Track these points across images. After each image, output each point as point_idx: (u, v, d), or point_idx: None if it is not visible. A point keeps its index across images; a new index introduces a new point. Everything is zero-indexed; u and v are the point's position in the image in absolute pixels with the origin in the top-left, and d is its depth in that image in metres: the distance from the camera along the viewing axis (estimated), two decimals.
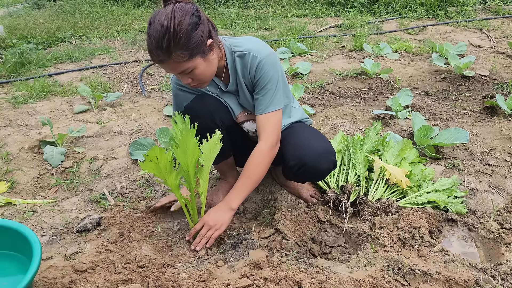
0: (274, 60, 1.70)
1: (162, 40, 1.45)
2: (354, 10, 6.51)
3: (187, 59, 1.51)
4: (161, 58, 1.49)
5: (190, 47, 1.49)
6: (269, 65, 1.67)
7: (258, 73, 1.68)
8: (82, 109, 3.17)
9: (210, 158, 1.65)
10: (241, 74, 1.73)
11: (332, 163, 1.77)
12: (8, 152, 2.50)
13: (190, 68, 1.54)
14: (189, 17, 1.47)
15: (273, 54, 1.71)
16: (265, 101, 1.70)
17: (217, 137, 1.61)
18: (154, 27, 1.46)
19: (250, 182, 1.74)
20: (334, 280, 1.50)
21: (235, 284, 1.49)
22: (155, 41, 1.46)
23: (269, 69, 1.67)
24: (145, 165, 1.53)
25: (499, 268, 1.56)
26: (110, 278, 1.53)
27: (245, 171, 1.74)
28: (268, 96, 1.69)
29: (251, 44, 1.70)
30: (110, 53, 4.75)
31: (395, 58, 4.36)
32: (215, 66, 1.65)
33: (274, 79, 1.69)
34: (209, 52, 1.58)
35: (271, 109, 1.70)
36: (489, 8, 6.49)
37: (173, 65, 1.52)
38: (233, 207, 1.73)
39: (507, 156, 2.42)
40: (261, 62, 1.66)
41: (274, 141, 1.72)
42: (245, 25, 5.91)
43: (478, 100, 3.33)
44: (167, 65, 1.53)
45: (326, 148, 1.76)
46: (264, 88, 1.69)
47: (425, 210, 1.92)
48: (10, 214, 2.01)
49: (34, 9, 7.36)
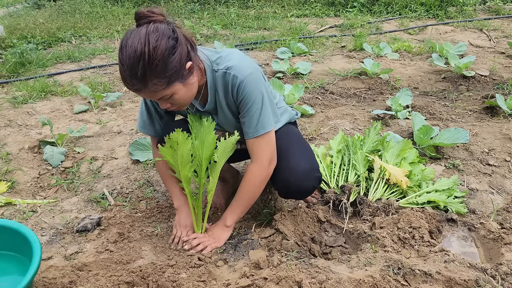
0: (257, 79, 1.57)
1: (136, 68, 1.33)
2: (354, 10, 6.51)
3: (165, 87, 1.40)
4: (136, 87, 1.38)
5: (168, 74, 1.38)
6: (250, 85, 1.54)
7: (240, 95, 1.56)
8: (82, 109, 3.17)
9: (224, 156, 1.65)
10: (222, 94, 1.61)
11: (316, 180, 1.73)
12: (8, 152, 2.50)
13: (168, 94, 1.44)
14: (165, 40, 1.35)
15: (255, 72, 1.58)
16: (252, 124, 1.60)
17: (234, 138, 1.61)
18: (127, 52, 1.33)
19: (244, 203, 1.75)
20: (334, 280, 1.50)
21: (235, 284, 1.49)
22: (129, 69, 1.34)
23: (251, 90, 1.55)
24: (163, 150, 1.53)
25: (499, 268, 1.56)
26: (110, 278, 1.53)
27: (239, 192, 1.73)
28: (254, 119, 1.59)
29: (232, 61, 1.56)
30: (110, 53, 4.75)
31: (395, 58, 4.36)
32: (195, 89, 1.53)
33: (258, 99, 1.57)
34: (188, 76, 1.46)
35: (260, 132, 1.60)
36: (489, 8, 6.49)
37: (150, 93, 1.41)
38: (227, 225, 1.77)
39: (507, 156, 2.42)
40: (241, 82, 1.54)
41: (266, 162, 1.65)
42: (245, 25, 5.91)
43: (478, 100, 3.33)
44: (143, 94, 1.42)
45: (309, 166, 1.70)
46: (248, 111, 1.58)
47: (425, 210, 1.92)
48: (10, 214, 2.01)
49: (34, 9, 7.36)
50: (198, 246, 1.74)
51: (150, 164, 2.44)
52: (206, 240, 1.76)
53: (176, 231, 1.83)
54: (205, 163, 1.63)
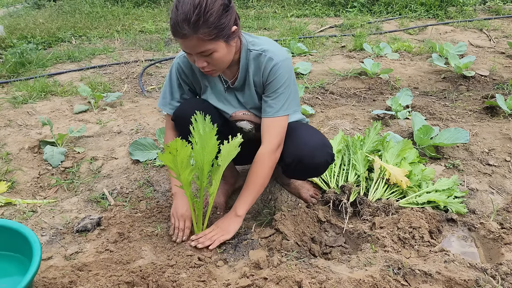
0: (289, 66, 1.68)
1: (192, 14, 1.39)
2: (354, 10, 6.51)
3: (211, 39, 1.46)
4: (185, 32, 1.42)
5: (218, 28, 1.45)
6: (284, 69, 1.64)
7: (271, 76, 1.65)
8: (82, 109, 3.17)
9: (227, 159, 1.66)
10: (253, 73, 1.69)
11: (328, 156, 1.76)
12: (8, 152, 2.50)
13: (211, 50, 1.49)
14: (220, 1, 1.44)
15: (289, 59, 1.69)
16: (276, 105, 1.67)
17: (237, 141, 1.62)
18: (185, 0, 1.41)
19: (254, 189, 1.74)
20: (334, 280, 1.50)
21: (235, 284, 1.49)
22: (184, 13, 1.40)
23: (283, 74, 1.65)
24: (163, 157, 1.54)
25: (499, 268, 1.56)
26: (110, 278, 1.53)
27: (248, 178, 1.74)
28: (280, 100, 1.67)
29: (268, 45, 1.67)
30: (110, 53, 4.75)
31: (395, 58, 4.36)
32: (232, 55, 1.61)
33: (287, 84, 1.67)
34: (232, 39, 1.54)
35: (280, 114, 1.68)
36: (489, 8, 6.49)
37: (195, 42, 1.46)
38: (239, 214, 1.75)
39: (507, 156, 2.42)
40: (276, 65, 1.63)
41: (276, 145, 1.70)
42: (245, 25, 5.91)
43: (478, 100, 3.33)
44: (189, 41, 1.46)
45: (321, 141, 1.75)
46: (276, 92, 1.67)
47: (425, 210, 1.92)
48: (10, 214, 2.01)
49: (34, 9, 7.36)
50: (206, 241, 1.73)
51: (150, 164, 2.44)
52: (213, 234, 1.75)
53: (174, 221, 1.83)
54: (207, 167, 1.64)
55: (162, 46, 4.92)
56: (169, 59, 4.49)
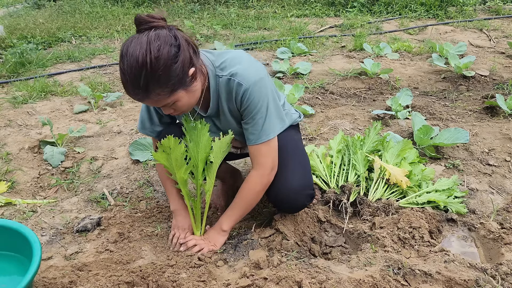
0: (262, 87, 1.54)
1: (139, 79, 1.30)
2: (354, 10, 6.51)
3: (168, 96, 1.38)
4: (139, 96, 1.36)
5: (171, 83, 1.35)
6: (256, 93, 1.52)
7: (244, 103, 1.54)
8: (82, 109, 3.17)
9: (220, 156, 1.65)
10: (225, 100, 1.58)
11: (308, 198, 1.76)
12: (8, 152, 2.50)
13: (171, 102, 1.42)
14: (167, 49, 1.32)
15: (261, 79, 1.54)
16: (255, 131, 1.58)
17: (229, 137, 1.61)
18: (129, 62, 1.30)
19: (242, 208, 1.74)
20: (334, 280, 1.50)
21: (235, 284, 1.49)
22: (131, 80, 1.32)
23: (256, 98, 1.52)
24: (157, 155, 1.53)
25: (499, 268, 1.56)
26: (110, 278, 1.53)
27: (238, 196, 1.72)
28: (258, 126, 1.57)
29: (237, 66, 1.53)
30: (110, 53, 4.75)
31: (395, 58, 4.36)
32: (198, 94, 1.50)
33: (263, 107, 1.55)
34: (191, 83, 1.43)
35: (263, 139, 1.59)
36: (489, 8, 6.49)
37: (152, 102, 1.41)
38: (224, 229, 1.77)
39: (507, 156, 2.42)
40: (246, 90, 1.51)
41: (267, 170, 1.65)
42: (245, 25, 5.91)
43: (478, 100, 3.33)
44: (146, 102, 1.42)
45: (303, 183, 1.71)
46: (252, 118, 1.56)
47: (425, 210, 1.92)
48: (10, 214, 2.01)
49: (34, 9, 7.36)
50: (195, 247, 1.73)
51: (150, 164, 2.44)
52: (202, 242, 1.76)
53: (174, 233, 1.82)
54: (201, 164, 1.64)
55: None
56: None
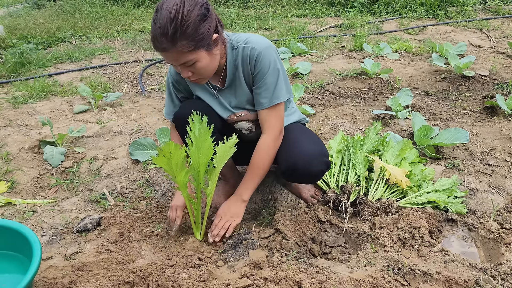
0: (274, 52, 1.67)
1: (168, 27, 1.41)
2: (354, 10, 6.51)
3: (191, 50, 1.47)
4: (164, 45, 1.45)
5: (196, 38, 1.46)
6: (268, 56, 1.64)
7: (257, 65, 1.65)
8: (82, 109, 3.17)
9: (223, 160, 1.66)
10: (241, 68, 1.69)
11: (324, 165, 1.76)
12: (8, 152, 2.50)
13: (192, 60, 1.51)
14: (198, 7, 1.45)
15: (273, 46, 1.68)
16: (266, 94, 1.68)
17: (232, 141, 1.62)
18: (162, 13, 1.42)
19: (257, 174, 1.77)
20: (334, 280, 1.50)
21: (235, 284, 1.49)
22: (161, 27, 1.42)
23: (268, 61, 1.64)
24: (157, 160, 1.54)
25: (499, 268, 1.56)
26: (110, 278, 1.53)
27: (251, 164, 1.76)
28: (269, 90, 1.67)
29: (251, 37, 1.67)
30: (110, 53, 4.75)
31: (395, 58, 4.36)
32: (217, 62, 1.62)
33: (274, 71, 1.66)
34: (213, 47, 1.55)
35: (275, 102, 1.69)
36: (489, 8, 6.49)
37: (176, 54, 1.48)
38: (245, 199, 1.78)
39: (507, 156, 2.42)
40: (260, 53, 1.63)
41: (277, 133, 1.74)
42: (245, 25, 5.91)
43: (478, 100, 3.33)
44: (169, 54, 1.49)
45: (318, 150, 1.75)
46: (264, 81, 1.67)
47: (425, 210, 1.92)
48: (10, 214, 2.01)
49: (34, 9, 7.36)
50: (221, 231, 1.75)
51: (150, 164, 2.44)
52: (224, 222, 1.76)
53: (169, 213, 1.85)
54: (202, 168, 1.64)
55: None
56: None
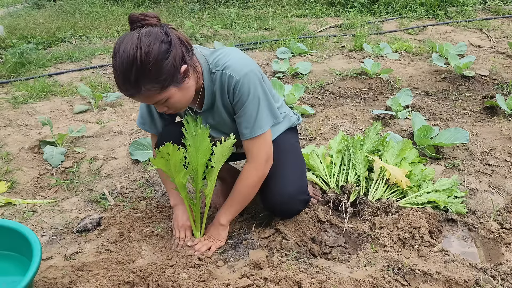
0: (253, 79, 1.54)
1: (129, 74, 1.33)
2: (354, 10, 6.51)
3: (159, 92, 1.39)
4: (130, 92, 1.38)
5: (162, 79, 1.36)
6: (247, 84, 1.52)
7: (236, 95, 1.54)
8: (82, 109, 3.17)
9: (221, 160, 1.65)
10: (220, 94, 1.59)
11: (302, 203, 1.77)
12: (8, 152, 2.50)
13: (163, 99, 1.43)
14: (157, 45, 1.33)
15: (252, 71, 1.54)
16: (249, 124, 1.58)
17: (230, 141, 1.61)
18: (120, 58, 1.33)
19: (238, 201, 1.74)
20: (334, 280, 1.50)
21: (235, 284, 1.49)
22: (122, 74, 1.34)
23: (248, 89, 1.53)
24: (156, 161, 1.54)
25: (499, 268, 1.56)
26: (110, 278, 1.53)
27: (233, 189, 1.73)
28: (251, 119, 1.57)
29: (231, 61, 1.54)
30: (110, 53, 4.75)
31: (395, 58, 4.36)
32: (192, 92, 1.52)
33: (255, 99, 1.55)
34: (184, 80, 1.44)
35: (257, 133, 1.59)
36: (489, 8, 6.49)
37: (144, 98, 1.42)
38: (222, 223, 1.77)
39: (507, 156, 2.42)
40: (238, 82, 1.52)
41: (261, 163, 1.65)
42: (245, 25, 5.91)
43: (478, 100, 3.33)
44: (138, 98, 1.42)
45: (297, 187, 1.73)
46: (244, 111, 1.56)
47: (425, 210, 1.92)
48: (10, 214, 2.01)
49: (34, 9, 7.36)
50: (202, 247, 1.74)
51: (150, 164, 2.43)
52: (207, 242, 1.77)
53: (175, 233, 1.82)
54: (201, 169, 1.64)
55: None
56: None
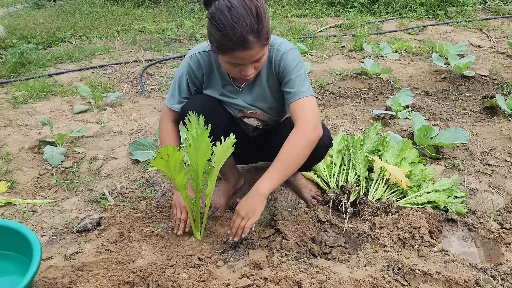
0: (297, 53, 1.69)
1: (253, 23, 1.40)
2: (354, 10, 6.51)
3: (266, 44, 1.49)
4: (250, 42, 1.42)
5: (268, 32, 1.48)
6: (292, 56, 1.65)
7: (282, 65, 1.65)
8: (82, 109, 3.17)
9: (221, 160, 1.65)
10: (266, 67, 1.70)
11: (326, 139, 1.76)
12: (8, 152, 2.50)
13: (262, 54, 1.51)
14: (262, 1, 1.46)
15: (296, 49, 1.70)
16: (296, 85, 1.63)
17: (230, 141, 1.61)
18: (238, 11, 1.38)
19: (283, 168, 1.57)
20: (334, 280, 1.50)
21: (235, 284, 1.49)
22: (247, 24, 1.39)
23: (293, 59, 1.65)
24: (155, 162, 1.54)
25: (499, 268, 1.56)
26: (110, 278, 1.53)
27: (277, 157, 1.59)
28: (297, 84, 1.63)
29: (275, 39, 1.68)
30: (110, 53, 4.75)
31: (395, 58, 4.36)
32: None
33: (301, 69, 1.67)
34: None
35: (306, 94, 1.62)
36: (489, 8, 6.49)
37: (257, 50, 1.47)
38: (262, 193, 1.57)
39: (507, 156, 2.42)
40: (284, 54, 1.64)
41: (311, 127, 1.58)
42: None
43: (478, 100, 3.33)
44: (252, 51, 1.46)
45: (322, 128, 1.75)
46: (290, 78, 1.65)
47: (425, 210, 1.92)
48: (10, 214, 2.01)
49: (34, 9, 7.36)
50: (238, 232, 1.62)
51: (150, 164, 2.43)
52: (239, 221, 1.61)
53: (176, 212, 1.82)
54: (201, 169, 1.64)
55: (162, 46, 4.92)
56: (169, 59, 4.49)
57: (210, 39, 1.51)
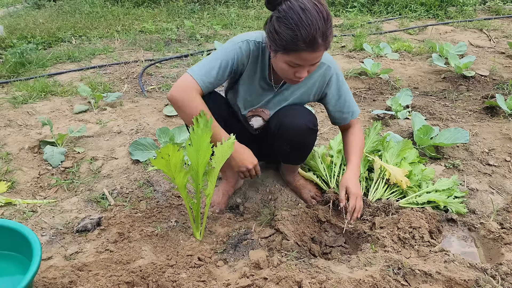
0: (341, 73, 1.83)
1: (325, 27, 1.45)
2: (354, 10, 6.51)
3: (327, 49, 1.54)
4: (318, 45, 1.47)
5: (332, 37, 1.53)
6: (340, 77, 1.80)
7: (330, 83, 1.80)
8: (82, 109, 3.17)
9: (221, 161, 1.65)
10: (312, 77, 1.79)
11: (310, 122, 1.80)
12: (8, 152, 2.50)
13: (320, 59, 1.56)
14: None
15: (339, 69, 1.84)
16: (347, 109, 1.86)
17: (230, 142, 1.62)
18: (312, 13, 1.42)
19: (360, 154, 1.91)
20: (334, 280, 1.50)
21: (235, 284, 1.49)
22: (319, 27, 1.43)
23: (342, 81, 1.81)
24: (156, 162, 1.54)
25: (499, 268, 1.56)
26: (110, 278, 1.53)
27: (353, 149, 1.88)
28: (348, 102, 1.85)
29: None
30: (110, 53, 4.75)
31: (395, 58, 4.36)
32: None
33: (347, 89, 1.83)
34: None
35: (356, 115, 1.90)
36: (489, 8, 6.49)
37: (321, 53, 1.52)
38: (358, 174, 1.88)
39: (507, 156, 2.42)
40: (334, 74, 1.78)
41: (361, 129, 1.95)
42: (245, 25, 5.91)
43: (478, 100, 3.33)
44: (318, 53, 1.50)
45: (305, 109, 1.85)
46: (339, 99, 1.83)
47: (425, 210, 1.92)
48: (10, 214, 2.01)
49: (34, 9, 7.36)
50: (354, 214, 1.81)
51: (150, 164, 2.43)
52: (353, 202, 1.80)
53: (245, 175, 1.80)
54: (202, 169, 1.64)
55: (162, 46, 4.92)
56: (169, 59, 4.49)
57: (274, 37, 1.50)
